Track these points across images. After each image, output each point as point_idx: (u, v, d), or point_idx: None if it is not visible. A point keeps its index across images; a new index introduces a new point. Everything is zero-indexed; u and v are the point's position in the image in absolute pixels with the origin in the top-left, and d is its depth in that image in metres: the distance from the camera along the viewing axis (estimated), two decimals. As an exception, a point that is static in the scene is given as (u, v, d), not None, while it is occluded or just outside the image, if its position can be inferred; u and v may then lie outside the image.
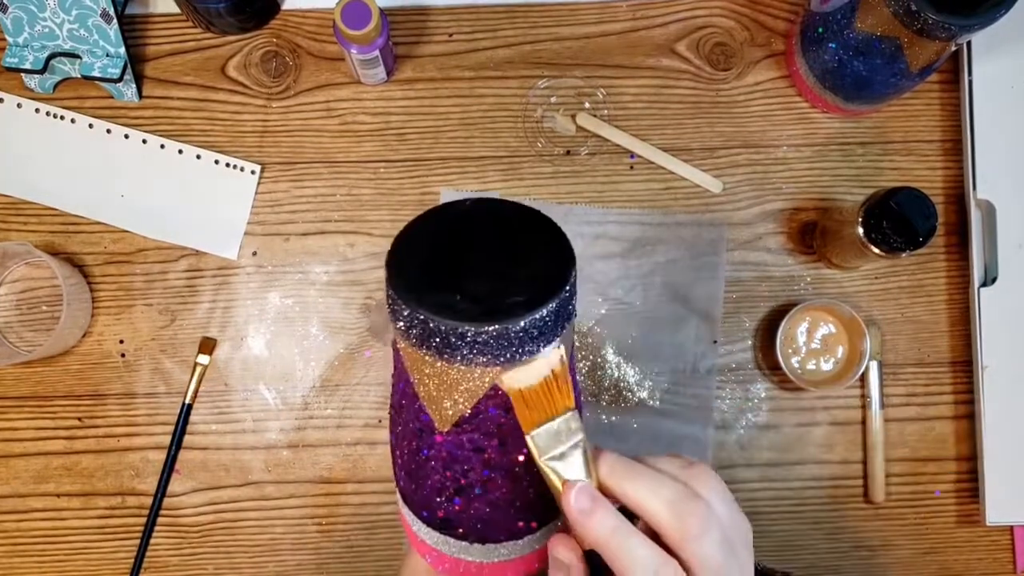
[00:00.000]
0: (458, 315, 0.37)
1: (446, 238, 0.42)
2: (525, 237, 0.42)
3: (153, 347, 0.74)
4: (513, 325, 0.37)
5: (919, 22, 0.59)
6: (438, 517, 0.44)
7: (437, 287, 0.39)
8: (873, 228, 0.65)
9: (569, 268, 0.39)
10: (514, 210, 0.43)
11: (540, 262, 0.40)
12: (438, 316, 0.37)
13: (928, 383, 0.75)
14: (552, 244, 0.41)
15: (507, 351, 0.38)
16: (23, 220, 0.74)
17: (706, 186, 0.75)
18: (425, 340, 0.38)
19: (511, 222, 0.43)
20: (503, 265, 0.41)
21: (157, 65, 0.75)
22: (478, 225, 0.43)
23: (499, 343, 0.37)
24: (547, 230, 0.42)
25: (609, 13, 0.77)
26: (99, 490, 0.73)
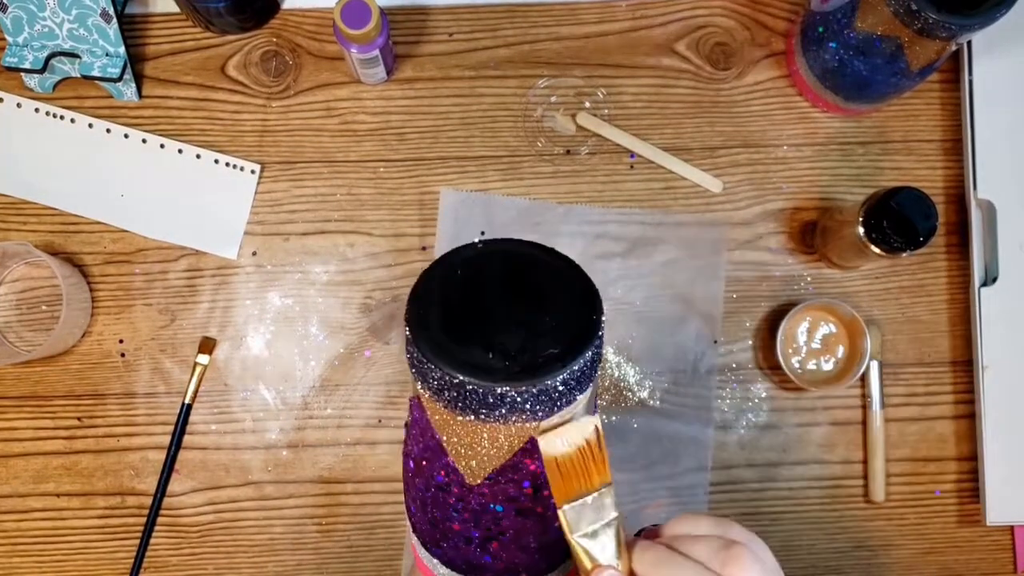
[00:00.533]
0: (493, 375, 0.35)
1: (463, 286, 0.39)
2: (544, 278, 0.39)
3: (153, 347, 0.74)
4: (552, 381, 0.35)
5: (919, 22, 0.59)
6: (464, 562, 0.43)
7: (464, 342, 0.37)
8: (873, 228, 0.65)
9: (598, 311, 0.37)
10: (529, 250, 0.40)
11: (565, 305, 0.38)
12: (474, 378, 0.35)
13: (928, 383, 0.75)
14: (574, 283, 0.39)
15: (545, 406, 0.36)
16: (23, 220, 0.74)
17: (706, 186, 0.75)
18: (458, 401, 0.36)
19: (527, 263, 0.40)
20: (527, 311, 0.38)
21: (157, 64, 0.75)
22: (493, 269, 0.40)
23: (537, 399, 0.36)
24: (566, 269, 0.39)
25: (609, 13, 0.77)
26: (99, 490, 0.73)
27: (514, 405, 0.35)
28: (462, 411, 0.36)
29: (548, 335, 0.37)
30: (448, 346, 0.36)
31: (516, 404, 0.35)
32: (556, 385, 0.35)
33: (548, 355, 0.36)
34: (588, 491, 0.38)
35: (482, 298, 0.39)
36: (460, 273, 0.40)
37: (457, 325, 0.37)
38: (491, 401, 0.35)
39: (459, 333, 0.37)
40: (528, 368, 0.35)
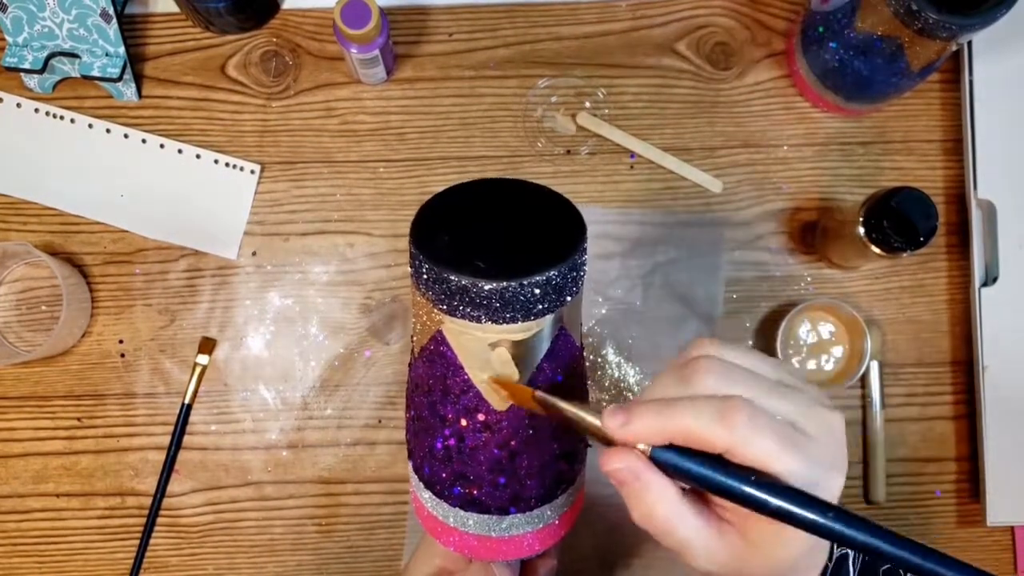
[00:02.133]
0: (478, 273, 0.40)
1: (461, 211, 0.45)
2: (533, 207, 0.46)
3: (152, 347, 0.74)
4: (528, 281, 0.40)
5: (920, 22, 0.59)
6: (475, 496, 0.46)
7: (461, 252, 0.42)
8: (874, 228, 0.65)
9: (579, 235, 0.43)
10: (522, 185, 0.47)
11: (551, 228, 0.44)
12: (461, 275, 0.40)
13: (929, 383, 0.75)
14: (562, 212, 0.45)
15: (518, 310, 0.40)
16: (23, 220, 0.74)
17: (706, 186, 0.75)
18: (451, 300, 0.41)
19: (518, 192, 0.47)
20: (516, 231, 0.44)
21: (157, 65, 0.75)
22: (490, 198, 0.46)
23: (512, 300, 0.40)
24: (556, 201, 0.45)
25: (609, 12, 0.77)
26: (98, 490, 0.73)
27: (494, 301, 0.40)
28: (452, 312, 0.41)
29: (532, 249, 0.42)
30: (444, 254, 0.41)
31: (496, 300, 0.40)
32: (532, 289, 0.40)
33: (529, 260, 0.41)
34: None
35: (478, 221, 0.45)
36: (459, 200, 0.46)
37: (455, 242, 0.43)
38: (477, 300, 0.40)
39: (456, 248, 0.42)
40: (508, 269, 0.40)
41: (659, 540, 0.38)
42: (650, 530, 0.37)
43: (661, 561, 0.73)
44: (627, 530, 0.73)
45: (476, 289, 0.40)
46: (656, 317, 0.74)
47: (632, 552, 0.73)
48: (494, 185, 0.47)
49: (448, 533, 0.48)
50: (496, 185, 0.47)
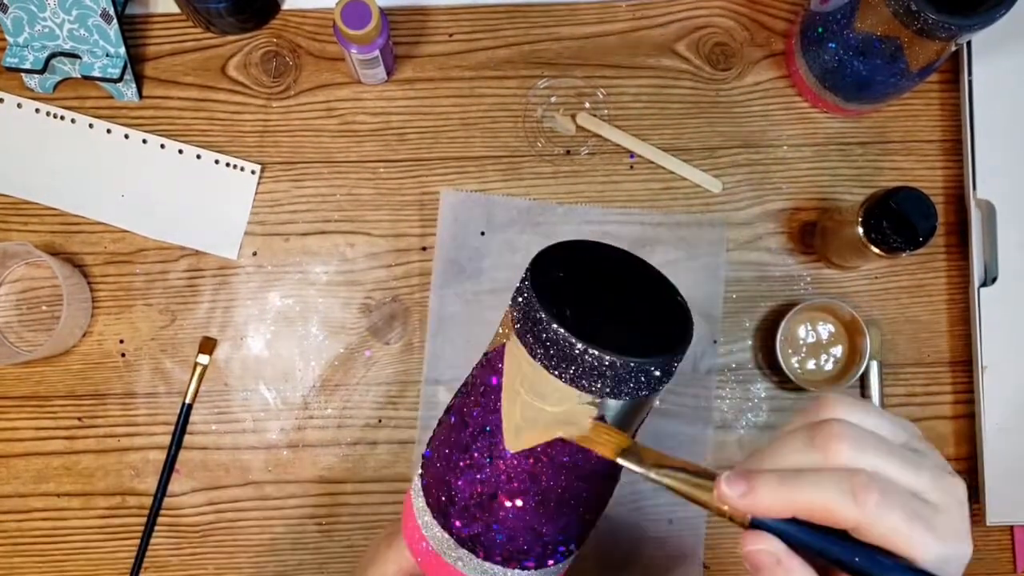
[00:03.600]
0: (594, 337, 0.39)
1: (587, 268, 0.45)
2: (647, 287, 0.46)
3: (153, 347, 0.74)
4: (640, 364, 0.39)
5: (919, 22, 0.59)
6: (466, 533, 0.44)
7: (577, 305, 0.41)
8: (873, 228, 0.65)
9: (690, 327, 0.43)
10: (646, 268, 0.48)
11: (662, 314, 0.43)
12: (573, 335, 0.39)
13: (928, 383, 0.75)
14: (673, 299, 0.45)
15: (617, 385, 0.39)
16: (23, 220, 0.75)
17: (706, 186, 0.75)
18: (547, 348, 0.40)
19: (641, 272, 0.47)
20: (633, 307, 0.44)
21: (157, 65, 0.75)
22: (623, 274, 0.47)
23: (616, 376, 0.39)
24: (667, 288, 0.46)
25: (609, 13, 0.77)
26: (99, 490, 0.73)
27: (591, 370, 0.39)
28: (547, 362, 0.40)
29: (645, 330, 0.42)
30: (561, 303, 0.40)
31: (594, 369, 0.39)
32: (644, 369, 0.39)
33: (644, 342, 0.40)
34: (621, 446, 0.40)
35: (602, 283, 0.44)
36: (587, 257, 0.46)
37: (575, 293, 0.42)
38: (578, 360, 0.39)
39: (576, 300, 0.41)
40: (621, 345, 0.39)
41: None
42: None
43: (660, 565, 0.73)
44: (626, 533, 0.73)
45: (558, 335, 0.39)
46: (656, 317, 0.74)
47: (631, 556, 0.73)
48: (619, 255, 0.48)
49: (412, 525, 0.47)
50: (621, 256, 0.48)
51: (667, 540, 0.73)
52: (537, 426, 0.41)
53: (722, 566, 0.74)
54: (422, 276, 0.74)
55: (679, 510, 0.73)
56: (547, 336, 0.39)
